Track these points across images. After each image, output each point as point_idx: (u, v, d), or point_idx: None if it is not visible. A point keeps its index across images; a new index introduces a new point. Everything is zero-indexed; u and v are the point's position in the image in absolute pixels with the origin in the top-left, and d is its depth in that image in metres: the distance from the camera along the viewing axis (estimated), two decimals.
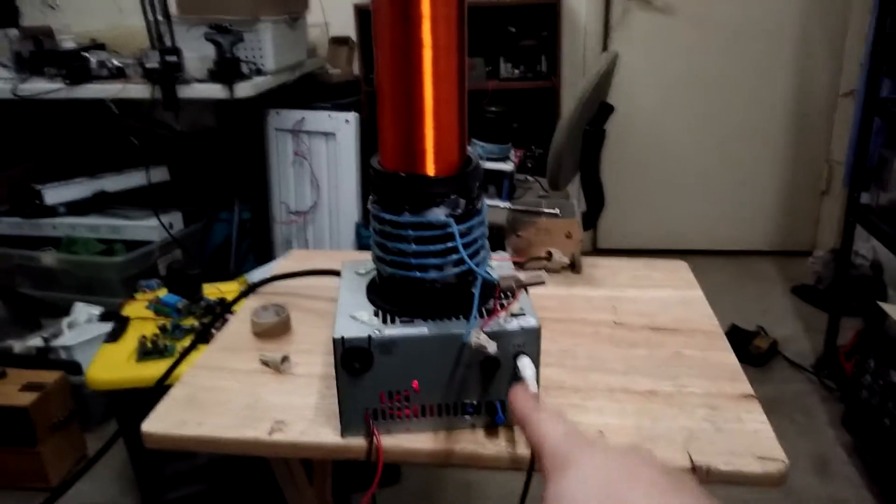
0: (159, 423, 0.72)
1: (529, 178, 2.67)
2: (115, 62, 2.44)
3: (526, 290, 0.63)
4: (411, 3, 0.59)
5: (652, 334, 0.86)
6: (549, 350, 0.83)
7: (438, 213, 0.63)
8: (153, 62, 2.29)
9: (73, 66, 2.40)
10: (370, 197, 0.68)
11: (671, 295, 0.95)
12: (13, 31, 2.61)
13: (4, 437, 1.83)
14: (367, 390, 0.66)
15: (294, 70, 2.65)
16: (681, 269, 1.04)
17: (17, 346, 2.19)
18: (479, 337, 0.58)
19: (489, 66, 2.85)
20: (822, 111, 3.12)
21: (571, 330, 0.87)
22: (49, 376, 1.92)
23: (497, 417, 0.67)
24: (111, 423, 2.14)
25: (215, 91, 2.29)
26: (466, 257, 0.61)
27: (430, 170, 0.64)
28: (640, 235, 3.41)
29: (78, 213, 2.65)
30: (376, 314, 0.68)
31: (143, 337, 1.74)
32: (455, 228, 0.63)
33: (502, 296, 0.64)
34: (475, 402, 0.68)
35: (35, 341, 2.19)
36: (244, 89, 2.30)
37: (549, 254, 0.87)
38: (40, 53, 2.53)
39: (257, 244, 2.85)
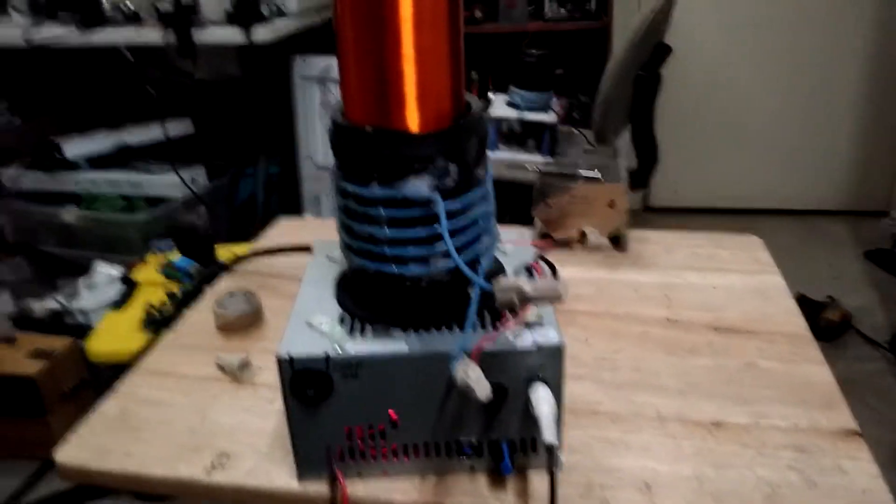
0: (79, 450, 0.56)
1: (575, 130, 2.45)
2: (130, 4, 2.29)
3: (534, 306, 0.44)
4: None
5: (717, 337, 0.66)
6: (582, 358, 0.64)
7: (419, 186, 0.45)
8: (167, 3, 2.13)
9: (87, 8, 2.26)
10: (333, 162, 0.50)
11: (742, 282, 0.75)
12: None
13: (12, 406, 1.74)
14: (327, 424, 0.49)
15: (320, 12, 2.44)
16: (754, 246, 0.83)
17: (36, 306, 2.12)
18: (466, 373, 0.40)
19: (532, 4, 2.60)
20: None
21: (612, 329, 0.68)
22: (59, 343, 1.83)
23: (503, 465, 0.49)
24: None
25: (232, 35, 2.12)
26: (452, 249, 0.43)
27: (412, 122, 0.45)
28: (697, 193, 3.14)
29: (100, 168, 2.54)
30: (342, 320, 0.50)
31: (150, 305, 1.62)
32: (441, 207, 0.44)
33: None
34: (474, 441, 0.50)
35: (52, 303, 2.11)
36: (263, 33, 2.12)
37: (583, 234, 0.67)
38: None
39: (285, 200, 2.71)
